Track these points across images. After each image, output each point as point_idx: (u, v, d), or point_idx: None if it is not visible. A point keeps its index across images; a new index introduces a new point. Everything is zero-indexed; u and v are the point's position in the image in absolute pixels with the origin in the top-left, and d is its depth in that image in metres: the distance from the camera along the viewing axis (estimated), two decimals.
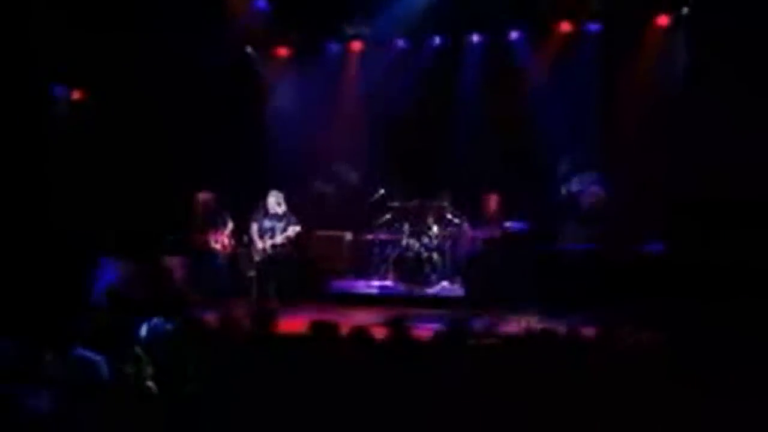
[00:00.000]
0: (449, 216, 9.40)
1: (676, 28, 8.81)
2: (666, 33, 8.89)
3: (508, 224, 8.98)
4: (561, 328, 4.81)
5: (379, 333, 5.03)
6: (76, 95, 9.96)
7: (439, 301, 9.02)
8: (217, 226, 9.20)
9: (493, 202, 8.80)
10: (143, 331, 5.09)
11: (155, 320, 5.15)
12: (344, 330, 4.94)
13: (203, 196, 9.27)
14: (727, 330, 4.60)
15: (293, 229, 8.89)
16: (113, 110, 9.61)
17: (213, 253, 9.17)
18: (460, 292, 9.12)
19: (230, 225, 9.25)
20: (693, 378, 3.68)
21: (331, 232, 10.28)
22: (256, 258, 8.89)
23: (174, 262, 8.73)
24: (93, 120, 9.65)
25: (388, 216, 9.89)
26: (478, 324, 5.14)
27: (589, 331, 4.82)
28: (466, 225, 8.87)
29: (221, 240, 9.16)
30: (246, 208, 9.08)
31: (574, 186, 8.69)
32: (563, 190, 8.72)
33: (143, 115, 9.57)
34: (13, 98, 8.71)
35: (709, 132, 7.89)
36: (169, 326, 5.10)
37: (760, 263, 6.20)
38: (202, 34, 9.10)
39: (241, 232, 9.23)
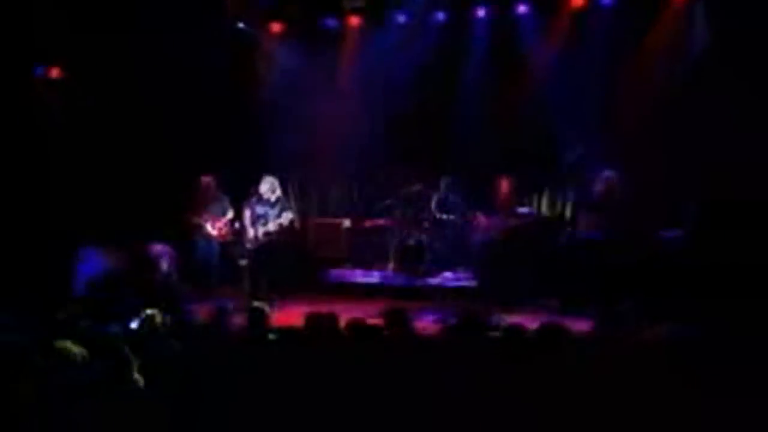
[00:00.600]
0: (454, 202, 9.33)
1: (695, 4, 8.58)
2: (684, 9, 8.66)
3: (521, 210, 8.91)
4: (577, 324, 4.93)
5: (379, 325, 5.04)
6: (54, 73, 9.89)
7: (444, 292, 9.03)
8: (217, 211, 9.13)
9: (504, 186, 8.66)
10: (134, 324, 5.19)
11: (147, 312, 5.25)
12: (342, 322, 4.95)
13: (204, 179, 9.10)
14: (752, 329, 4.74)
15: (287, 216, 8.82)
16: (101, 91, 9.55)
17: (208, 240, 9.09)
18: (466, 282, 9.11)
19: (230, 212, 9.16)
20: (717, 376, 3.69)
21: (328, 219, 10.24)
22: (249, 246, 8.83)
23: (163, 250, 8.47)
24: (81, 102, 9.60)
25: (388, 201, 9.84)
26: (490, 317, 5.15)
27: (606, 327, 4.88)
28: (479, 212, 8.82)
29: (218, 226, 9.08)
30: (243, 193, 9.04)
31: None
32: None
33: (134, 97, 9.49)
34: None
35: (731, 119, 7.74)
36: (159, 320, 5.21)
37: None
38: (195, 12, 9.08)
39: (234, 220, 9.20)
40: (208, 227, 9.10)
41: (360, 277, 9.74)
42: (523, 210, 8.98)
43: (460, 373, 4.03)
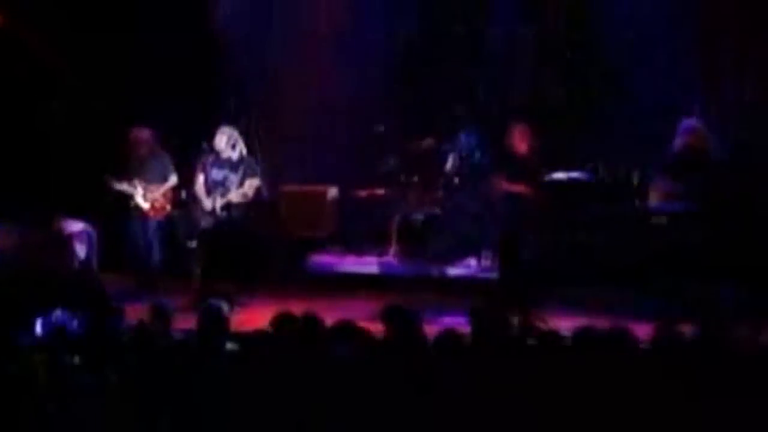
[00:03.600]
0: (479, 162, 9.17)
1: None
2: None
3: (560, 175, 8.84)
4: (641, 328, 4.96)
5: (376, 330, 5.14)
6: None
7: (463, 285, 8.85)
8: (154, 176, 8.98)
9: (521, 137, 8.15)
10: (39, 328, 5.30)
11: (57, 313, 5.33)
12: (326, 326, 5.02)
13: (136, 132, 9.00)
14: None
15: (252, 182, 8.65)
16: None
17: (142, 215, 9.00)
18: (495, 272, 8.82)
19: (173, 176, 9.04)
20: None
21: (308, 187, 10.17)
22: (202, 223, 8.64)
23: (78, 229, 8.46)
24: None
25: (390, 163, 9.72)
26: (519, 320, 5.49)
27: (684, 330, 4.85)
28: (498, 175, 8.49)
29: (152, 198, 8.97)
30: (191, 151, 8.93)
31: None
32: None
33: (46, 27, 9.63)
34: None
35: None
36: (75, 322, 5.25)
37: None
38: None
39: (181, 187, 9.10)
40: (139, 198, 8.99)
41: (351, 265, 9.65)
42: (569, 175, 8.94)
43: (481, 397, 4.20)
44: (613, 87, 9.32)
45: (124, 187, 8.92)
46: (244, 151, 8.72)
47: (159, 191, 8.98)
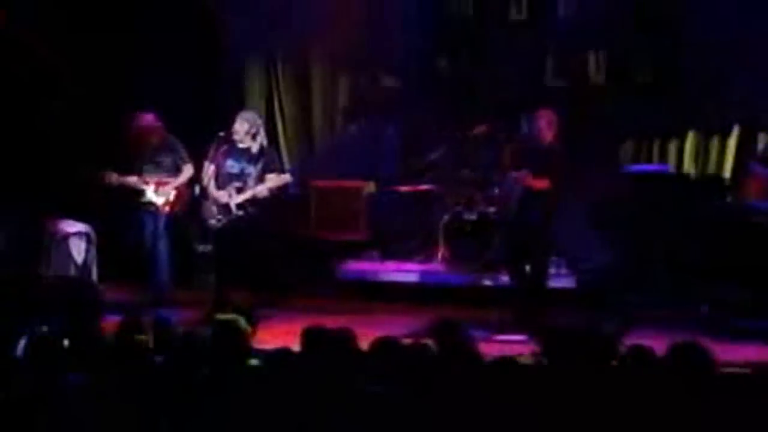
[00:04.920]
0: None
1: None
2: None
3: (639, 167, 9.15)
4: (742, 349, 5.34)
5: (424, 347, 5.17)
6: None
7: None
8: (165, 168, 8.92)
9: (547, 125, 8.15)
10: (20, 348, 5.30)
11: (41, 330, 5.43)
12: (363, 343, 5.11)
13: (144, 118, 8.96)
14: None
15: (275, 177, 8.55)
16: None
17: (152, 213, 8.89)
18: (568, 282, 8.93)
19: (187, 168, 8.93)
20: None
21: (340, 182, 10.22)
22: (214, 222, 8.52)
23: (75, 230, 8.53)
24: None
25: (436, 153, 9.77)
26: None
27: None
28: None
29: (166, 191, 8.85)
30: (204, 139, 8.87)
31: None
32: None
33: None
34: None
35: None
36: (63, 341, 5.26)
37: None
38: None
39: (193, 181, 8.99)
40: (150, 194, 8.88)
41: (390, 272, 9.65)
42: (646, 167, 9.20)
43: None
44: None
45: (132, 182, 8.88)
46: (265, 143, 8.65)
47: (173, 184, 8.90)
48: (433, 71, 10.08)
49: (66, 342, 5.27)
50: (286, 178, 8.68)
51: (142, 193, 8.86)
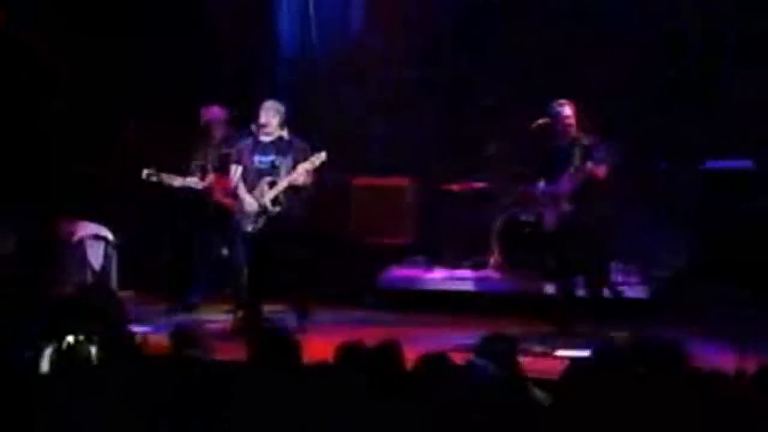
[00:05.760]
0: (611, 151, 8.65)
1: None
2: None
3: (718, 163, 9.08)
4: None
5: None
6: None
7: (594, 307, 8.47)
8: (228, 165, 8.83)
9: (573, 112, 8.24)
10: (45, 362, 5.34)
11: (69, 340, 5.43)
12: (410, 358, 5.03)
13: (211, 113, 9.14)
14: None
15: (307, 165, 8.43)
16: None
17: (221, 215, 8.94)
18: (642, 292, 8.89)
19: (238, 167, 8.83)
20: None
21: (382, 180, 10.30)
22: (250, 227, 8.48)
23: (92, 232, 8.65)
24: None
25: (491, 148, 9.87)
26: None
27: None
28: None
29: (230, 190, 8.74)
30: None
31: None
32: None
33: None
34: None
35: None
36: (93, 351, 5.35)
37: None
38: None
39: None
40: (219, 196, 8.94)
41: (439, 280, 9.69)
42: (726, 163, 9.13)
43: None
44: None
45: (192, 183, 8.95)
46: (289, 132, 8.63)
47: (230, 181, 8.86)
48: (485, 57, 10.10)
49: (94, 353, 5.33)
50: (322, 156, 8.48)
51: (213, 193, 8.94)
